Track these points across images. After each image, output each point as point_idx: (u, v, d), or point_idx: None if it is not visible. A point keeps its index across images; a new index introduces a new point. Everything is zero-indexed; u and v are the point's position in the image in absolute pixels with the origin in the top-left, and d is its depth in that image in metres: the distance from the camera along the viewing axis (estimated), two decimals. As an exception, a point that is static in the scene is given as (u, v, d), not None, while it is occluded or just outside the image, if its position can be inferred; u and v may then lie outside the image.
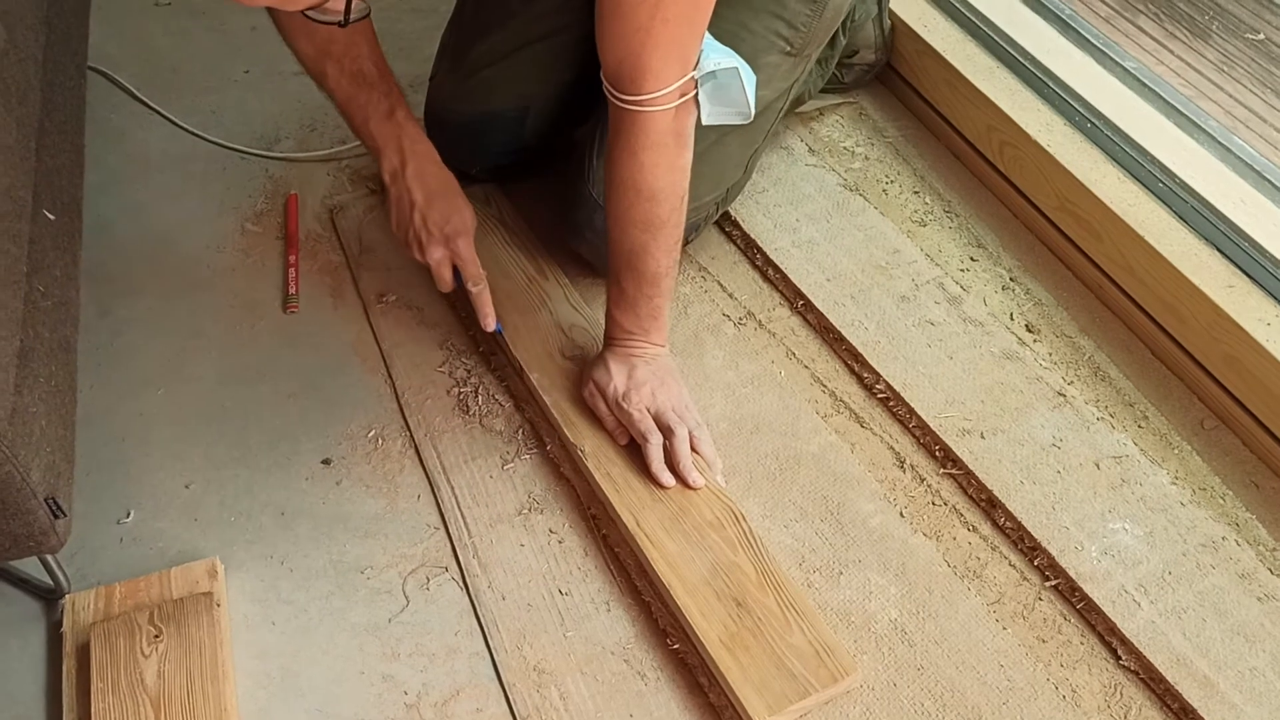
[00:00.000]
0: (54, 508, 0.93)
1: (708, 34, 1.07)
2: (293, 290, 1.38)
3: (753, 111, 1.13)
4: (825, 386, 1.30)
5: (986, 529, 1.17)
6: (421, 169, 1.23)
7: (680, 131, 1.09)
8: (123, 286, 1.39)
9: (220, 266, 1.42)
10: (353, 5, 0.87)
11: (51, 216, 1.10)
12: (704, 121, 1.11)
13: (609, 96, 1.07)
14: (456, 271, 1.26)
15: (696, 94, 1.08)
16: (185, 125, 1.60)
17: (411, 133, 1.23)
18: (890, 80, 1.68)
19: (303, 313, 1.37)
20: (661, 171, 1.10)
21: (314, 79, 1.25)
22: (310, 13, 0.88)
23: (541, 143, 1.45)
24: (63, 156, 1.19)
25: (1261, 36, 1.64)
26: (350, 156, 1.56)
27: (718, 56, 1.08)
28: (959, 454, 1.21)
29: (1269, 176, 1.33)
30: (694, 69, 1.06)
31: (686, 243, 1.41)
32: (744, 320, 1.37)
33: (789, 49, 1.30)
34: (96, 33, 1.53)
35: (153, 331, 1.34)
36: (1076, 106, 1.46)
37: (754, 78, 1.12)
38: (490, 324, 1.26)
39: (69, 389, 1.04)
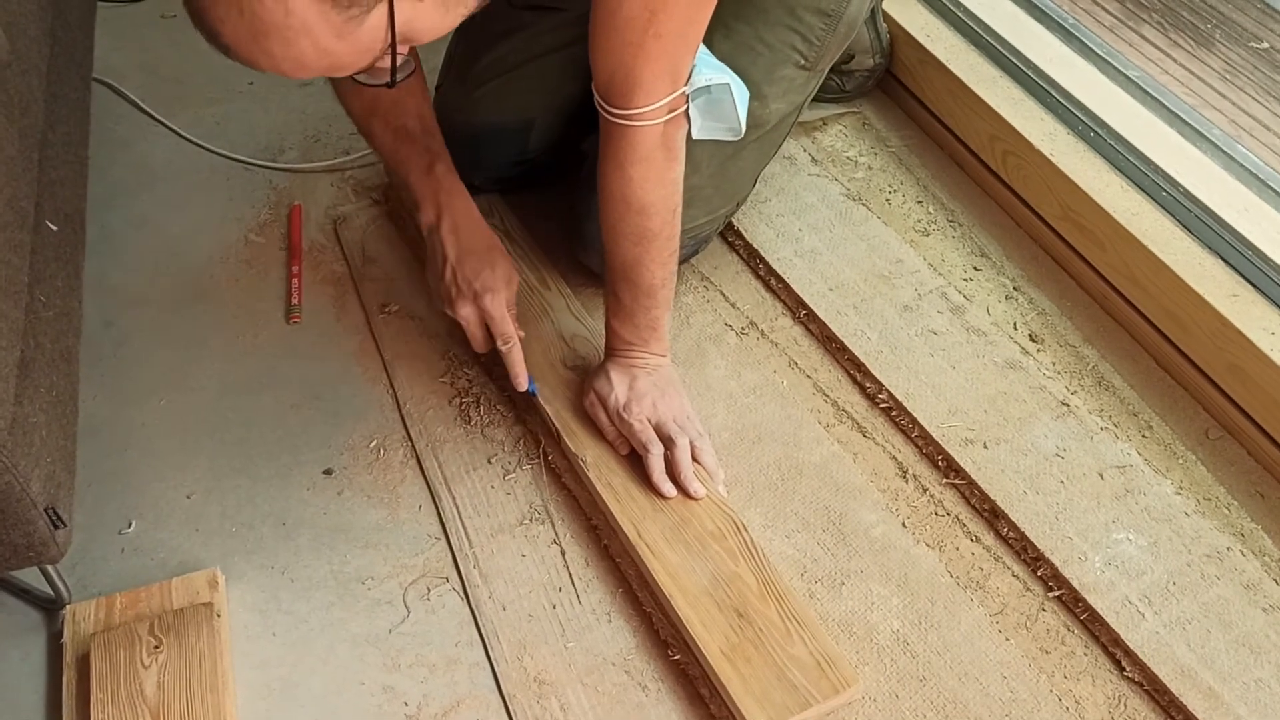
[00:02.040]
0: (54, 518, 0.93)
1: (703, 48, 1.07)
2: (296, 300, 1.38)
3: (743, 128, 1.13)
4: (828, 396, 1.30)
5: (989, 539, 1.17)
6: (457, 224, 1.20)
7: (670, 145, 1.09)
8: (126, 297, 1.39)
9: (224, 277, 1.42)
10: (398, 65, 0.87)
11: (54, 227, 1.11)
12: (694, 136, 1.11)
13: (599, 109, 1.08)
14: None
15: (687, 108, 1.08)
16: (190, 136, 1.61)
17: (449, 187, 1.21)
18: (893, 90, 1.68)
19: (305, 323, 1.37)
20: (651, 185, 1.10)
21: (363, 136, 1.25)
22: (359, 77, 0.88)
23: (545, 155, 1.45)
24: (66, 168, 1.20)
25: (1266, 45, 1.64)
26: (354, 167, 1.56)
27: (710, 72, 1.08)
28: (962, 464, 1.21)
29: (1273, 185, 1.33)
30: (685, 84, 1.06)
31: (694, 254, 1.41)
32: (746, 330, 1.37)
33: (804, 62, 1.30)
34: (102, 45, 1.54)
35: (156, 342, 1.34)
36: (1080, 115, 1.46)
37: (746, 94, 1.12)
38: (522, 384, 1.22)
39: (70, 399, 1.04)
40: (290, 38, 0.78)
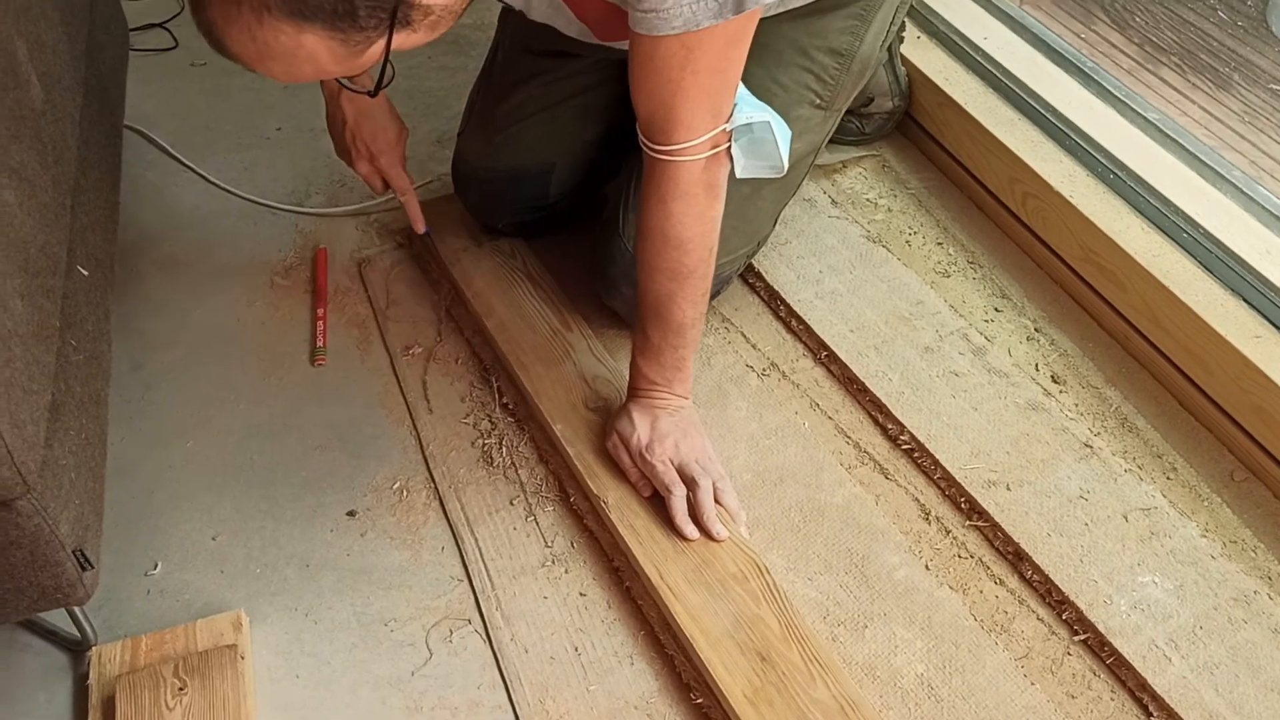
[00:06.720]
0: (82, 560, 0.94)
1: (742, 87, 1.08)
2: (320, 343, 1.40)
3: (786, 165, 1.14)
4: (849, 438, 1.30)
5: (1014, 582, 1.16)
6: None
7: (711, 183, 1.10)
8: (154, 340, 1.41)
9: (250, 320, 1.44)
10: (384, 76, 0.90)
11: (85, 272, 1.12)
12: (738, 174, 1.12)
13: (642, 145, 1.09)
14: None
15: (730, 146, 1.09)
16: (218, 182, 1.64)
17: None
18: (912, 132, 1.69)
19: (330, 365, 1.38)
20: (690, 221, 1.11)
21: None
22: (344, 81, 0.91)
23: (567, 199, 1.46)
24: (97, 213, 1.22)
25: (1285, 86, 1.64)
26: (378, 211, 1.58)
27: (750, 110, 1.09)
28: (985, 506, 1.20)
29: (1294, 226, 1.33)
30: (727, 121, 1.07)
31: (716, 295, 1.42)
32: (767, 371, 1.37)
33: (819, 102, 1.32)
34: (134, 92, 1.57)
35: (183, 384, 1.36)
36: (1099, 158, 1.47)
37: (788, 132, 1.13)
38: (420, 227, 1.42)
39: (99, 442, 1.06)
40: (295, 64, 0.82)
